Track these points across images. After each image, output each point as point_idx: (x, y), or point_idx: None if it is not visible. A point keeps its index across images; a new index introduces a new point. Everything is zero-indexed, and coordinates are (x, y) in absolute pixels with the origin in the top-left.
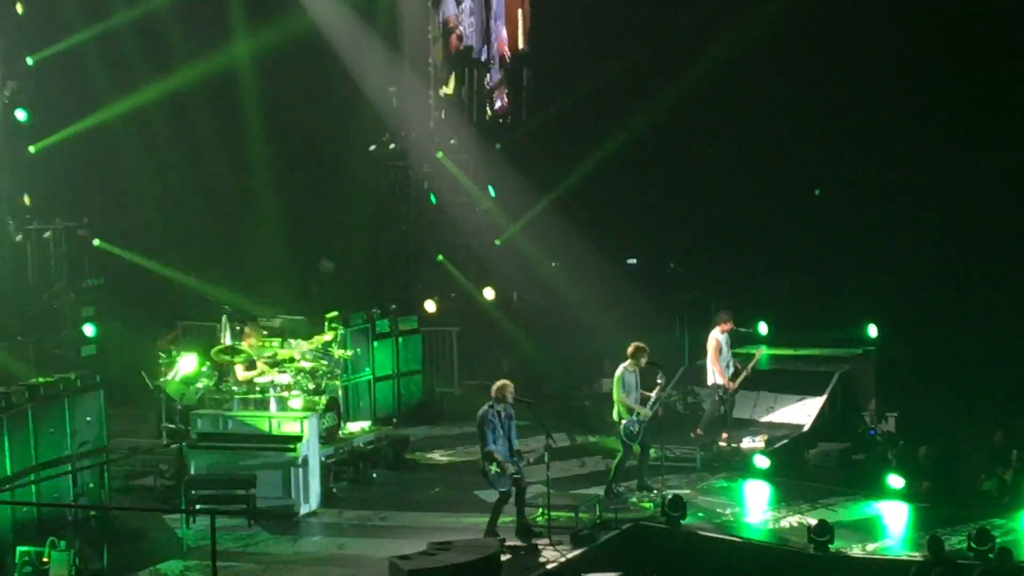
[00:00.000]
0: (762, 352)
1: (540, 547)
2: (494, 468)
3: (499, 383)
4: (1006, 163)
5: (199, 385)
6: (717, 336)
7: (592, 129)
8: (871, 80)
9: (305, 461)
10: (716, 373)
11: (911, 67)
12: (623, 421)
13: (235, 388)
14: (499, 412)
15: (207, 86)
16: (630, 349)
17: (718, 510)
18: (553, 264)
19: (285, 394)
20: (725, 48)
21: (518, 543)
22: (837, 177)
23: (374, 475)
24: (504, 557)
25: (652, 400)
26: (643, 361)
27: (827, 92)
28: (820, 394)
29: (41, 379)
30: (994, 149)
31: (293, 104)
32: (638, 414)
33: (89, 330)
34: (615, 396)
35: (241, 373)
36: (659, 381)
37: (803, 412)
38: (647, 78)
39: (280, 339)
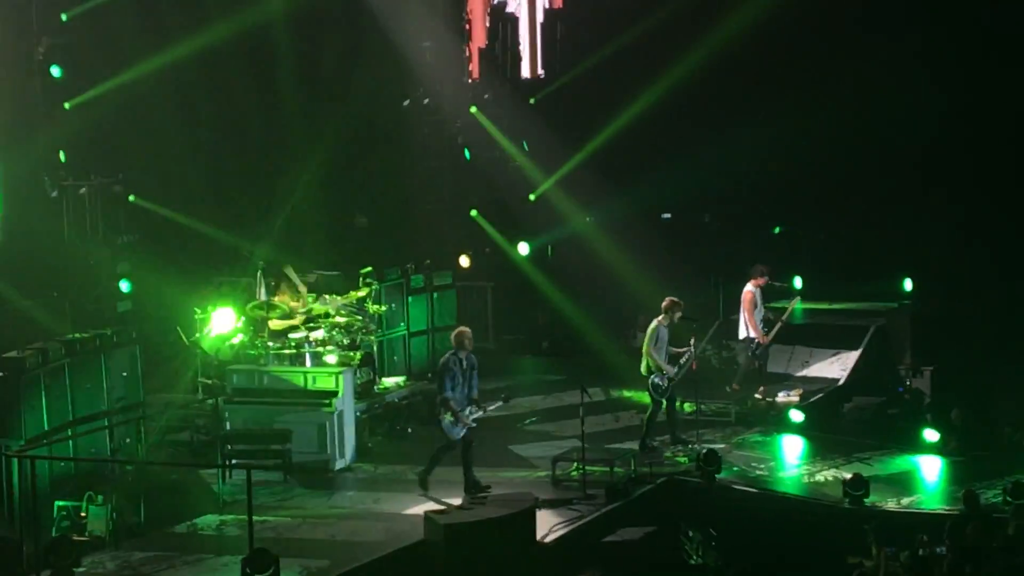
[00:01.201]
0: (796, 303)
1: (575, 501)
2: (448, 417)
3: (457, 330)
4: None
5: (235, 341)
6: (751, 289)
7: (626, 83)
8: (905, 31)
9: (340, 416)
10: (750, 326)
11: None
12: (652, 376)
13: (271, 344)
14: (460, 360)
15: (241, 41)
16: (664, 303)
17: (753, 464)
18: (587, 219)
19: (320, 349)
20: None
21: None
22: (873, 129)
23: (409, 430)
24: (539, 511)
25: (681, 363)
26: (677, 316)
27: (862, 40)
28: (855, 348)
29: (78, 335)
30: None
31: (327, 59)
32: (664, 372)
33: (125, 286)
34: (645, 349)
35: (275, 324)
36: (690, 344)
37: (838, 366)
38: (679, 32)
39: (315, 295)
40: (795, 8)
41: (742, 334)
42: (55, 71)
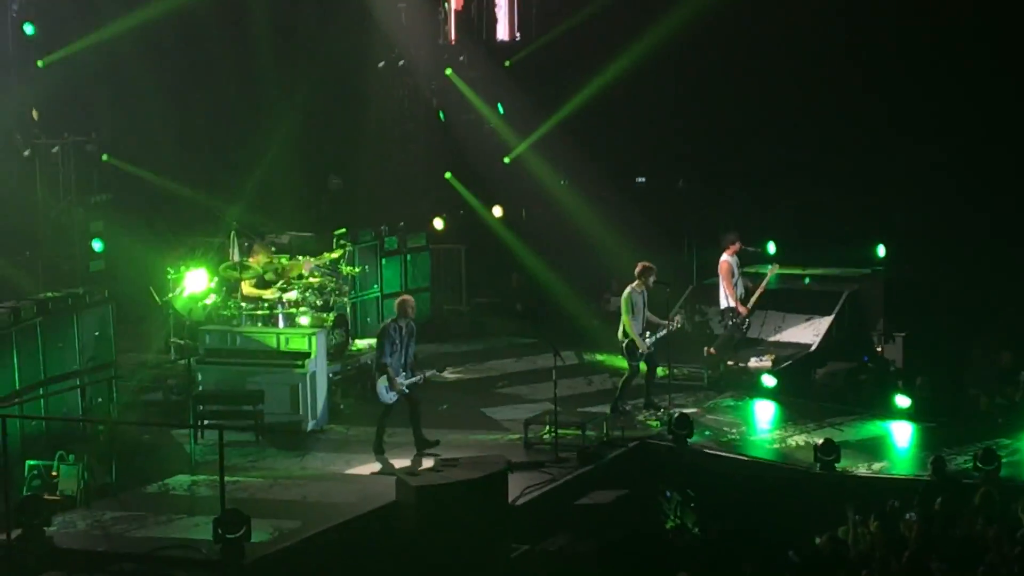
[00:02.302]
0: (775, 271)
1: (547, 464)
2: (383, 381)
3: (401, 298)
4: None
5: (207, 301)
6: (727, 259)
7: (601, 47)
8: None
9: (313, 377)
10: (729, 297)
11: None
12: (626, 341)
13: (243, 304)
14: (400, 327)
15: (216, 1)
16: (637, 269)
17: (725, 429)
18: (561, 182)
19: (293, 310)
20: None
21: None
22: (848, 95)
23: None
24: (511, 474)
25: (659, 334)
26: (651, 281)
27: (844, 6)
28: (828, 314)
29: (50, 294)
30: (1007, 71)
31: (302, 20)
32: (637, 342)
33: (97, 245)
34: (624, 318)
35: (247, 289)
36: (674, 320)
37: (811, 331)
38: None
39: (288, 255)
40: None
41: (722, 304)
42: (28, 29)
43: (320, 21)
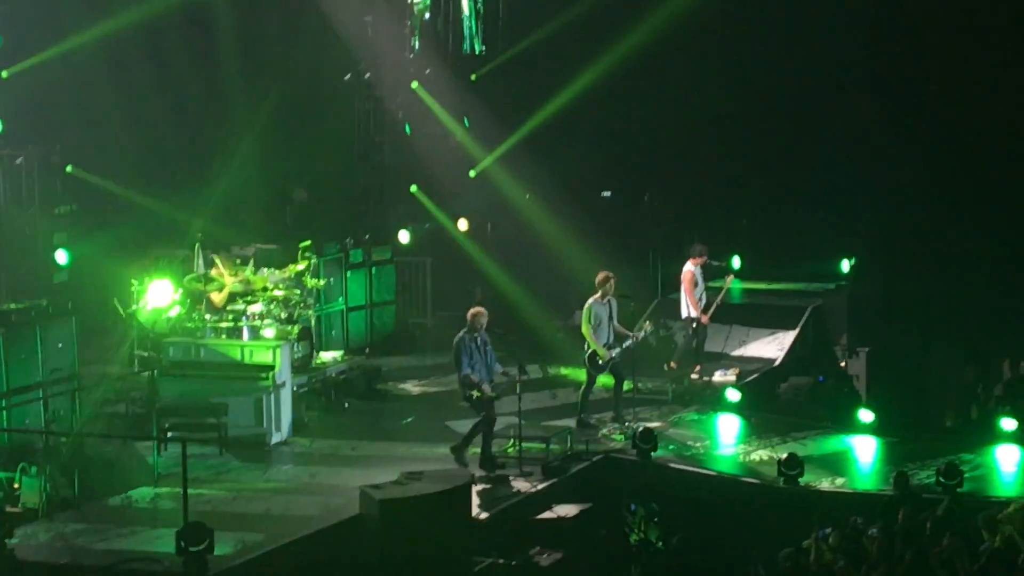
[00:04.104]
0: (731, 280)
1: (511, 478)
2: (475, 393)
3: (473, 310)
4: (988, 96)
5: (171, 313)
6: (691, 268)
7: (567, 61)
8: (852, 13)
9: (277, 390)
10: (690, 306)
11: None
12: (588, 351)
13: (208, 316)
14: (475, 339)
15: (181, 12)
16: (598, 278)
17: (689, 443)
18: (527, 196)
19: (258, 323)
20: None
21: (486, 473)
22: (814, 111)
23: (346, 405)
24: (475, 487)
25: (624, 345)
26: (611, 289)
27: (808, 22)
28: (792, 328)
29: (12, 305)
30: (976, 82)
31: (267, 32)
32: (599, 355)
33: (61, 256)
34: (583, 329)
35: (217, 298)
36: (642, 329)
37: (775, 346)
38: (622, 9)
39: (253, 268)
40: None
41: (684, 313)
42: None
43: (285, 34)
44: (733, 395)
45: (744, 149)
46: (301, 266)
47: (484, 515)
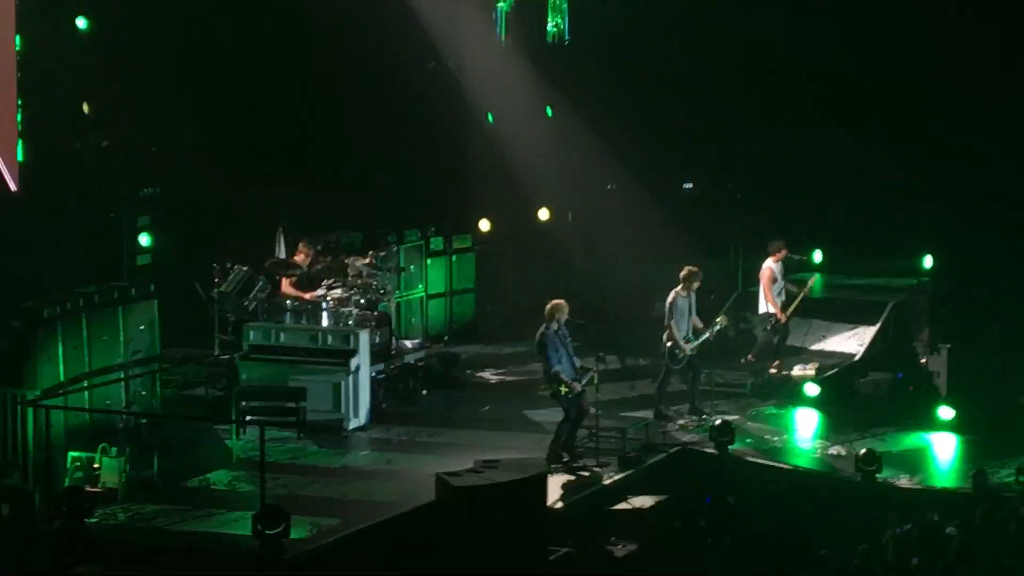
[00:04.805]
0: (813, 281)
1: (588, 468)
2: (564, 389)
3: (553, 303)
4: None
5: (251, 297)
6: (770, 265)
7: (650, 50)
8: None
9: (356, 376)
10: (768, 302)
11: None
12: (668, 344)
13: (288, 301)
14: (557, 332)
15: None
16: (682, 273)
17: (766, 437)
18: (609, 186)
19: (338, 308)
20: None
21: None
22: (897, 102)
23: (424, 392)
24: (551, 477)
25: (701, 338)
26: (695, 285)
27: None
28: (873, 323)
29: (96, 287)
30: None
31: (352, 16)
32: (679, 347)
33: (145, 240)
34: (666, 320)
35: (285, 287)
36: (717, 322)
37: (855, 341)
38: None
39: (335, 254)
40: None
41: (762, 309)
42: (81, 23)
43: (370, 18)
44: (812, 389)
45: (828, 142)
46: (382, 252)
47: (560, 505)
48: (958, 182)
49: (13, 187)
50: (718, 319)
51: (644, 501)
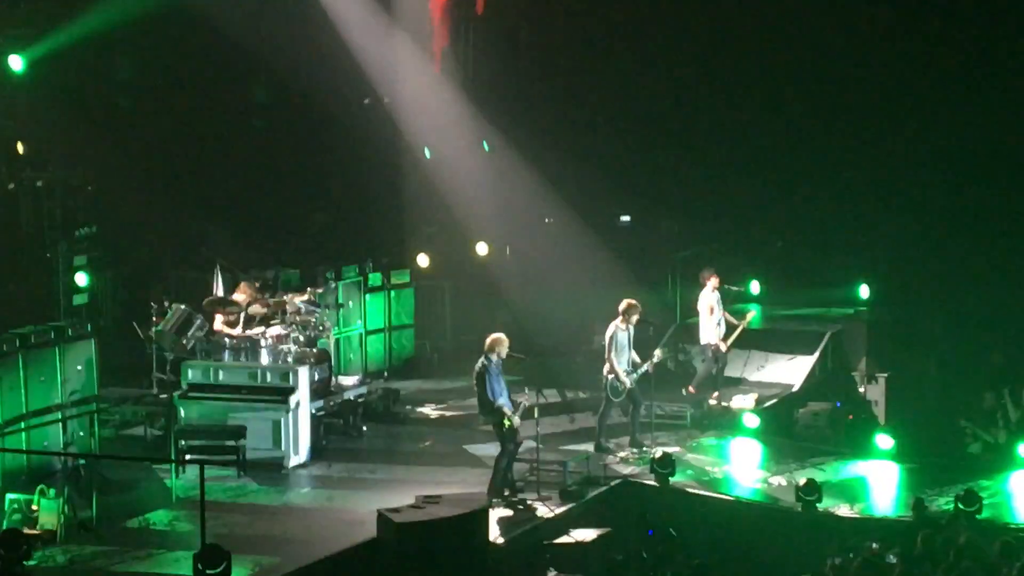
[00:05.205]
0: (751, 317)
1: (528, 502)
2: (507, 423)
3: (493, 336)
4: (1005, 120)
5: (190, 335)
6: (709, 295)
7: (584, 85)
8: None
9: (295, 413)
10: (710, 332)
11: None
12: (609, 376)
13: (226, 340)
14: (492, 362)
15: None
16: (622, 306)
17: (707, 468)
18: (547, 220)
19: (277, 345)
20: None
21: (504, 497)
22: (832, 138)
23: (364, 428)
24: (492, 511)
25: (639, 371)
26: (635, 319)
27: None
28: (811, 354)
29: (32, 327)
30: (991, 107)
31: (288, 55)
32: (620, 379)
33: (82, 279)
34: (607, 353)
35: (217, 325)
36: (653, 356)
37: (793, 371)
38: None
39: (273, 291)
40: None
41: (703, 340)
42: (16, 62)
43: (305, 57)
44: (751, 420)
45: (763, 173)
46: (320, 289)
47: (502, 539)
48: (893, 212)
49: None
50: (656, 351)
51: (586, 534)
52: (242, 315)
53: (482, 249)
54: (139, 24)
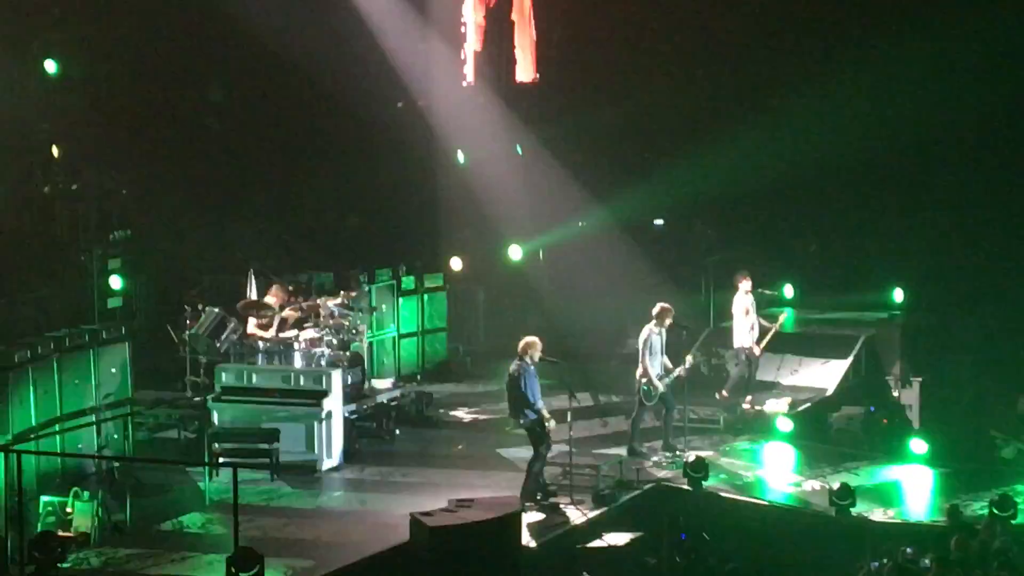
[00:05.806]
0: (785, 317)
1: (561, 506)
2: (547, 425)
3: (527, 339)
4: None
5: (223, 338)
6: (743, 297)
7: (619, 87)
8: (908, 33)
9: (329, 416)
10: (743, 336)
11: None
12: (642, 380)
13: (260, 343)
14: (532, 368)
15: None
16: (655, 310)
17: (740, 472)
18: (580, 223)
19: (310, 349)
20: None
21: (537, 501)
22: (868, 140)
23: (397, 432)
24: (525, 515)
25: (672, 375)
26: (668, 322)
27: (862, 47)
28: (845, 358)
29: (67, 331)
30: None
31: (322, 59)
32: (653, 383)
33: (116, 282)
34: (640, 357)
35: (251, 328)
36: (687, 361)
37: (827, 376)
38: (675, 39)
39: (306, 294)
40: (786, 18)
41: (736, 343)
42: (50, 65)
43: (340, 60)
44: (785, 424)
45: (798, 177)
46: (354, 293)
47: (534, 543)
48: (928, 216)
49: None
50: (689, 356)
51: (619, 538)
52: (276, 318)
53: (515, 252)
54: (175, 28)
